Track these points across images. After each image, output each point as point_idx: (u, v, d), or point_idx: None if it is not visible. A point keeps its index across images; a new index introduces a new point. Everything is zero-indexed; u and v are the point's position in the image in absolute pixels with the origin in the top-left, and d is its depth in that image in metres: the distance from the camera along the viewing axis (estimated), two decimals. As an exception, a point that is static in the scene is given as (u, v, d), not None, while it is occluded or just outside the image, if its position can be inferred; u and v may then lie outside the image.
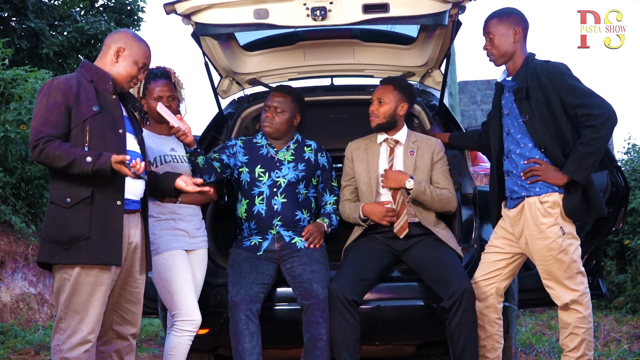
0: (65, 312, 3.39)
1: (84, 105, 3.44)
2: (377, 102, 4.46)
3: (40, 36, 11.57)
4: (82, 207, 3.39)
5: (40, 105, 3.41)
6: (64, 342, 3.37)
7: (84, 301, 3.39)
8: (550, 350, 6.30)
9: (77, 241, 3.36)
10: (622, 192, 4.58)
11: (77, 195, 3.39)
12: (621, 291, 9.15)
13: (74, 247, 3.36)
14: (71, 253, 3.36)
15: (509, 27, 3.98)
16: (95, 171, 3.30)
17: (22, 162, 7.70)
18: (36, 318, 7.60)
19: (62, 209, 3.39)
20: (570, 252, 3.89)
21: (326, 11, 4.10)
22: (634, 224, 8.94)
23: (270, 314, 4.23)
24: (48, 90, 3.43)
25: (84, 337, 3.38)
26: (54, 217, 3.41)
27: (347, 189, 4.52)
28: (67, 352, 3.36)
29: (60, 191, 3.42)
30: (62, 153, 3.31)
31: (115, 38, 3.61)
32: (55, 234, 3.38)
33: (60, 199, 3.40)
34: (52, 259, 3.40)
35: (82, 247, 3.36)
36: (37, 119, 3.39)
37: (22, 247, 7.68)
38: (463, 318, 3.97)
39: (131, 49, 3.59)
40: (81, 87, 3.47)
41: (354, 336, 4.02)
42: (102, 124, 3.46)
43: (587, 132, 3.79)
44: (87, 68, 3.57)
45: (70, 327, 3.38)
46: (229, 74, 5.09)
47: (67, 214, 3.38)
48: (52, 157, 3.32)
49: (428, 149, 4.47)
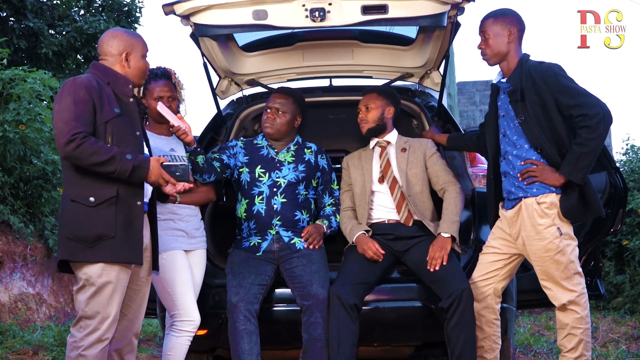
0: (86, 310, 3.43)
1: (106, 106, 3.49)
2: (364, 109, 4.55)
3: (39, 36, 11.57)
4: (107, 207, 3.44)
5: (67, 102, 3.42)
6: (82, 339, 3.42)
7: (106, 300, 3.44)
8: (548, 350, 6.31)
9: (103, 240, 3.42)
10: (620, 193, 4.59)
11: (101, 195, 3.43)
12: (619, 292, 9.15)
13: (99, 246, 3.41)
14: (96, 251, 3.41)
15: (504, 27, 3.99)
16: (133, 169, 3.38)
17: (21, 162, 7.70)
18: (34, 318, 7.60)
19: (85, 208, 3.42)
20: (567, 253, 3.89)
21: (325, 12, 4.11)
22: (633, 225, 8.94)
23: (269, 314, 4.24)
24: (72, 87, 3.45)
25: (102, 335, 3.44)
26: (76, 215, 3.43)
27: (347, 195, 4.57)
28: (85, 350, 3.41)
29: (82, 190, 3.44)
30: (100, 149, 3.36)
31: (115, 44, 3.62)
32: (79, 232, 3.42)
33: (83, 198, 3.43)
34: (76, 257, 3.43)
35: (107, 245, 3.42)
36: (66, 114, 3.39)
37: (20, 247, 7.68)
38: (461, 318, 3.98)
39: (134, 48, 3.64)
40: (101, 88, 3.51)
41: (352, 339, 4.02)
42: (122, 126, 3.52)
43: (583, 133, 3.79)
44: (102, 70, 3.59)
45: (90, 325, 3.43)
46: (227, 75, 5.09)
47: (92, 213, 3.42)
48: (90, 152, 3.34)
49: (419, 146, 4.54)
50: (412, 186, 4.43)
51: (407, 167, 4.45)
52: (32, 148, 7.74)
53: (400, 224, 4.40)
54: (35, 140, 7.71)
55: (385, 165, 4.48)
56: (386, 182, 4.45)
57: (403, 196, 4.41)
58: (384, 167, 4.48)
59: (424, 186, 4.46)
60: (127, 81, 3.61)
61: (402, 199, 4.41)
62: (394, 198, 4.41)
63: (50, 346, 6.16)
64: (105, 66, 3.61)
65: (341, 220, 4.50)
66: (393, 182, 4.44)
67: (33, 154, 7.79)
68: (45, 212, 8.05)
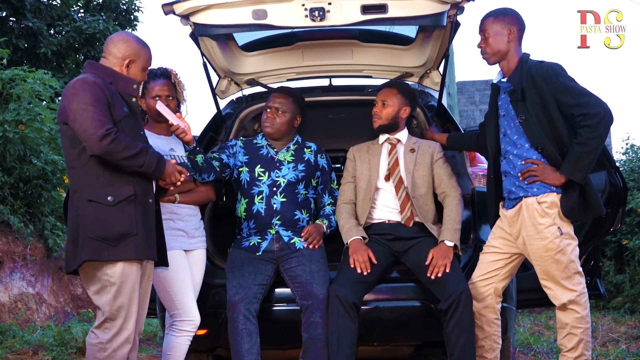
0: (111, 311, 3.45)
1: (117, 105, 3.53)
2: (380, 104, 4.51)
3: (38, 36, 11.56)
4: (126, 205, 3.48)
5: (87, 100, 3.43)
6: (109, 341, 3.44)
7: (128, 299, 3.47)
8: (548, 350, 6.31)
9: (126, 238, 3.45)
10: (620, 192, 4.58)
11: (120, 194, 3.47)
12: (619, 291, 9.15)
13: (122, 244, 3.45)
14: (120, 249, 3.45)
15: (504, 26, 3.99)
16: (158, 162, 3.50)
17: (21, 162, 7.69)
18: (34, 318, 7.60)
19: (105, 207, 3.45)
20: (567, 252, 3.89)
21: (325, 12, 4.11)
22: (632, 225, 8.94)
23: (269, 314, 4.23)
24: (85, 86, 3.46)
25: (129, 335, 3.48)
26: (96, 215, 3.45)
27: (349, 187, 4.50)
28: (114, 351, 3.44)
29: (99, 189, 3.46)
30: (130, 143, 3.43)
31: (122, 48, 3.63)
32: (101, 232, 3.44)
33: (101, 198, 3.45)
34: (100, 256, 3.44)
35: (130, 243, 3.46)
36: (92, 112, 3.40)
37: (20, 247, 7.68)
38: (460, 320, 3.98)
39: (139, 58, 3.66)
40: (108, 87, 3.53)
41: (351, 339, 4.02)
42: (131, 125, 3.57)
43: (584, 132, 3.79)
44: (102, 70, 3.60)
45: (116, 326, 3.45)
46: (227, 75, 5.09)
47: (112, 212, 3.45)
48: (124, 146, 3.40)
49: (428, 148, 4.52)
50: (417, 188, 4.41)
51: (415, 168, 4.43)
52: (32, 148, 7.74)
53: (400, 225, 4.39)
54: (35, 140, 7.71)
55: (393, 164, 4.46)
56: (392, 180, 4.44)
57: (407, 197, 4.40)
58: (391, 165, 4.46)
59: (428, 189, 4.45)
60: (131, 81, 3.63)
61: (407, 199, 4.40)
62: (399, 198, 4.40)
63: (50, 346, 6.15)
64: (105, 66, 3.61)
65: (339, 213, 4.45)
66: (399, 182, 4.42)
67: (33, 154, 7.79)
68: (45, 212, 8.05)
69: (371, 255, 4.19)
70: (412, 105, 4.58)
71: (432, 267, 4.11)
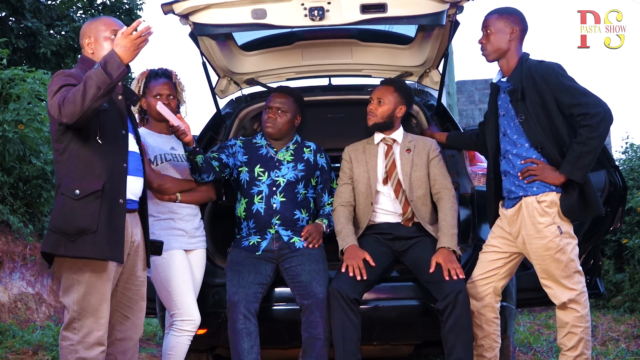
0: (78, 311, 3.37)
1: None
2: (376, 102, 4.47)
3: (37, 36, 11.55)
4: (91, 201, 3.37)
5: (55, 87, 3.37)
6: (79, 342, 3.36)
7: (97, 300, 3.39)
8: (547, 349, 6.31)
9: (84, 234, 3.34)
10: (620, 191, 4.59)
11: (87, 188, 3.37)
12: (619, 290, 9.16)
13: (80, 240, 3.34)
14: (76, 245, 3.34)
15: (507, 25, 3.99)
16: (104, 64, 3.24)
17: (20, 161, 7.69)
18: (34, 318, 7.60)
19: (71, 201, 3.36)
20: (567, 252, 3.89)
21: (324, 11, 4.11)
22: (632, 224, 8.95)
23: (269, 314, 4.23)
24: (61, 76, 3.42)
25: (100, 337, 3.39)
26: (62, 208, 3.38)
27: (346, 189, 4.47)
28: (84, 352, 3.36)
29: (70, 182, 3.39)
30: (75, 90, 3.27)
31: (82, 34, 3.62)
32: (62, 225, 3.35)
33: (69, 191, 3.37)
34: (56, 250, 3.36)
35: (88, 240, 3.34)
36: (57, 95, 3.33)
37: (20, 246, 7.68)
38: (457, 320, 3.97)
39: (94, 33, 3.59)
40: None
41: (355, 335, 4.01)
42: (110, 121, 3.48)
43: (584, 132, 3.80)
44: (89, 64, 3.54)
45: (85, 326, 3.37)
46: (226, 74, 5.09)
47: (76, 206, 3.36)
48: (72, 98, 3.25)
49: (424, 147, 4.48)
50: (415, 190, 4.39)
51: (412, 169, 4.41)
52: (31, 148, 7.75)
53: (399, 225, 4.39)
54: (34, 140, 7.72)
55: (390, 166, 4.44)
56: (390, 184, 4.42)
57: (406, 200, 4.38)
58: (389, 168, 4.44)
59: (426, 189, 4.42)
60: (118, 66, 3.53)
61: (406, 202, 4.39)
62: (400, 201, 4.39)
63: (49, 346, 6.16)
64: (90, 59, 3.57)
65: (336, 216, 4.41)
66: (397, 185, 4.40)
67: (32, 153, 7.79)
68: (44, 212, 8.05)
69: (368, 258, 4.17)
70: (408, 104, 4.54)
71: (446, 270, 4.07)
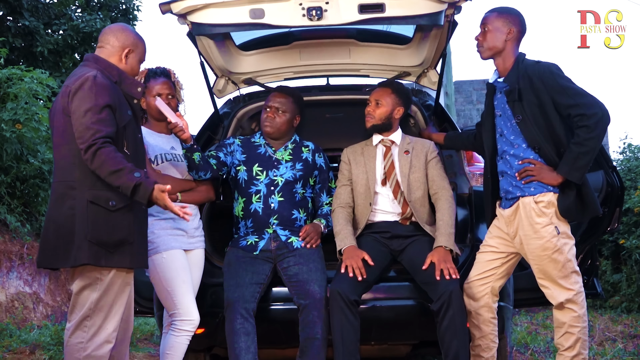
0: (92, 310, 3.42)
1: (124, 108, 3.49)
2: (374, 103, 4.47)
3: (35, 35, 11.54)
4: (126, 212, 3.44)
5: (89, 103, 3.36)
6: (89, 340, 3.41)
7: (112, 300, 3.45)
8: (545, 349, 6.31)
9: (123, 245, 3.43)
10: (617, 192, 4.59)
11: (121, 199, 3.41)
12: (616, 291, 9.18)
13: (119, 252, 3.42)
14: (116, 256, 3.42)
15: (505, 24, 3.99)
16: (135, 187, 3.29)
17: (18, 161, 7.69)
18: (31, 317, 7.59)
19: (107, 212, 3.40)
20: (565, 252, 3.90)
21: (322, 11, 4.10)
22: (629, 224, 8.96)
23: (266, 313, 4.23)
24: (94, 87, 3.39)
25: (108, 336, 3.44)
26: (98, 219, 3.39)
27: (345, 190, 4.46)
28: (93, 350, 3.40)
29: (101, 192, 3.40)
30: (111, 160, 3.30)
31: (121, 38, 3.61)
32: (102, 237, 3.39)
33: (103, 201, 3.39)
34: (98, 262, 3.40)
35: (126, 251, 3.43)
36: (89, 118, 3.34)
37: (17, 246, 7.67)
38: (452, 321, 3.97)
39: (137, 49, 3.65)
40: (115, 89, 3.50)
41: (354, 336, 4.02)
42: (133, 128, 3.55)
43: (581, 132, 3.80)
44: (107, 67, 3.55)
45: (95, 325, 3.42)
46: (224, 74, 5.08)
47: (113, 218, 3.41)
48: (102, 160, 3.30)
49: (422, 148, 4.48)
50: (413, 191, 4.40)
51: (410, 171, 4.41)
52: (28, 147, 7.74)
53: (397, 223, 4.39)
54: (32, 140, 7.71)
55: (389, 168, 4.44)
56: (389, 185, 4.42)
57: (405, 201, 4.39)
58: (387, 169, 4.44)
59: (424, 191, 4.42)
60: (137, 83, 3.60)
61: (405, 203, 4.39)
62: (398, 201, 4.39)
63: (47, 345, 6.15)
64: (109, 62, 3.57)
65: (335, 218, 4.41)
66: (396, 187, 4.40)
67: (30, 153, 7.79)
68: (42, 212, 8.04)
69: (367, 258, 4.17)
70: (406, 105, 4.55)
71: (439, 269, 4.08)
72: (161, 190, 3.33)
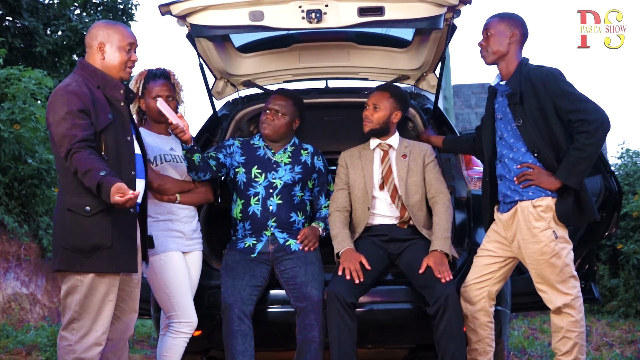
0: (79, 312, 3.41)
1: (100, 114, 3.47)
2: (372, 107, 4.46)
3: (34, 35, 11.53)
4: (103, 216, 3.42)
5: (61, 112, 3.38)
6: (77, 343, 3.40)
7: (99, 302, 3.43)
8: (542, 354, 6.31)
9: (99, 250, 3.41)
10: (615, 196, 4.60)
11: (97, 204, 3.40)
12: (614, 296, 9.17)
13: (95, 256, 3.40)
14: (92, 261, 3.40)
15: (507, 28, 4.00)
16: (98, 186, 3.27)
17: (15, 161, 7.68)
18: (28, 318, 7.58)
19: (82, 217, 3.40)
20: (562, 256, 3.90)
21: (321, 14, 4.10)
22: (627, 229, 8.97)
23: (263, 316, 4.23)
24: (65, 95, 3.41)
25: (98, 338, 3.42)
26: (73, 225, 3.41)
27: (342, 194, 4.46)
28: (82, 353, 3.39)
29: (78, 199, 3.42)
30: (82, 162, 3.31)
31: (92, 35, 3.59)
32: (76, 243, 3.40)
33: (79, 207, 3.41)
34: (72, 267, 3.41)
35: (103, 255, 3.41)
36: (63, 125, 3.36)
37: (14, 247, 7.66)
38: (448, 325, 3.97)
39: (110, 39, 3.57)
40: (93, 93, 3.48)
41: (351, 339, 4.02)
42: (115, 132, 3.51)
43: (581, 138, 3.80)
44: (91, 72, 3.55)
45: (83, 327, 3.41)
46: (223, 76, 5.08)
47: (88, 223, 3.40)
48: (76, 163, 3.32)
49: (420, 152, 4.48)
50: (411, 195, 4.39)
51: (407, 174, 4.41)
52: (26, 147, 7.73)
53: (395, 226, 4.39)
54: (29, 140, 7.70)
55: (386, 172, 4.43)
56: (387, 189, 4.42)
57: (403, 205, 4.38)
58: (385, 174, 4.43)
59: (422, 194, 4.42)
60: (118, 85, 3.57)
61: (402, 207, 4.39)
62: (396, 205, 4.38)
63: (43, 346, 6.14)
64: (94, 67, 3.56)
65: (332, 221, 4.41)
66: (393, 191, 4.40)
67: (28, 153, 7.77)
68: (39, 212, 8.03)
69: (364, 261, 4.16)
70: (404, 109, 4.54)
71: (436, 272, 4.08)
72: (117, 189, 3.21)
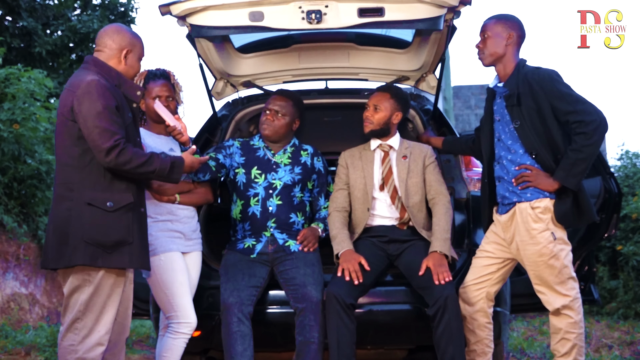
0: (82, 312, 3.42)
1: (125, 111, 3.53)
2: (372, 108, 4.46)
3: (33, 35, 11.54)
4: (124, 213, 3.47)
5: (98, 105, 3.40)
6: (80, 342, 3.40)
7: (102, 302, 3.44)
8: (541, 355, 6.31)
9: (122, 246, 3.44)
10: (615, 198, 4.60)
11: (119, 200, 3.46)
12: (613, 297, 9.18)
13: (117, 252, 3.44)
14: (114, 257, 3.43)
15: (504, 29, 4.00)
16: (172, 166, 3.55)
17: (15, 161, 7.68)
18: (27, 318, 7.58)
19: (104, 212, 3.43)
20: (561, 258, 3.90)
21: (321, 14, 4.10)
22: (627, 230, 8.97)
23: (263, 316, 4.22)
24: (100, 90, 3.43)
25: (100, 338, 3.43)
26: (93, 220, 3.42)
27: (341, 195, 4.45)
28: (84, 353, 3.39)
29: (99, 194, 3.44)
30: (137, 152, 3.45)
31: (117, 39, 3.62)
32: (98, 237, 3.41)
33: (100, 202, 3.43)
34: (94, 262, 3.42)
35: (124, 251, 3.45)
36: (102, 120, 3.39)
37: (13, 247, 7.66)
38: (447, 326, 3.97)
39: (135, 48, 3.66)
40: (116, 91, 3.53)
41: (350, 339, 4.01)
42: (132, 131, 3.58)
43: (579, 139, 3.80)
44: (107, 71, 3.57)
45: (86, 327, 3.41)
46: (223, 76, 5.08)
47: (111, 218, 3.44)
48: (129, 156, 3.40)
49: (420, 153, 4.48)
50: (411, 196, 4.39)
51: (408, 176, 4.40)
52: (26, 147, 7.73)
53: (394, 227, 4.39)
54: (29, 140, 7.70)
55: (387, 173, 4.43)
56: (387, 190, 4.42)
57: (403, 206, 4.38)
58: (385, 175, 4.43)
59: (422, 195, 4.42)
60: (136, 86, 3.64)
61: (402, 208, 4.38)
62: (396, 207, 4.38)
63: (42, 347, 6.14)
64: (109, 66, 3.59)
65: (331, 222, 4.40)
66: (393, 192, 4.40)
67: (27, 153, 7.78)
68: (38, 212, 8.03)
69: (363, 262, 4.16)
70: (405, 110, 4.53)
71: (435, 274, 4.08)
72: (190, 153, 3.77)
